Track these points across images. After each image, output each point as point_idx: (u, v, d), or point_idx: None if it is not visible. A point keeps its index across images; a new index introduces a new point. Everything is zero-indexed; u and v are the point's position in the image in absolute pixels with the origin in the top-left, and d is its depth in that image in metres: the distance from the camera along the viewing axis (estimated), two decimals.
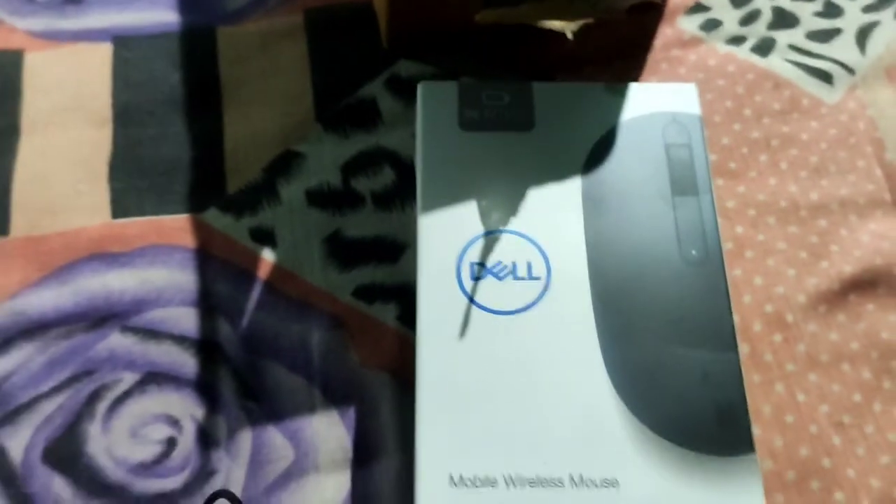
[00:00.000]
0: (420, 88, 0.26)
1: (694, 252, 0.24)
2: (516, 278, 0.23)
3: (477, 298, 0.23)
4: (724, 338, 0.23)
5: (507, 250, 0.24)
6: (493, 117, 0.26)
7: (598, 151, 0.25)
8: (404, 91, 0.31)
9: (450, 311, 0.23)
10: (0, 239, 0.28)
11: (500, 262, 0.23)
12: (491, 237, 0.24)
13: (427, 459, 0.21)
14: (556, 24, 0.27)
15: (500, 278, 0.23)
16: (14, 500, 0.25)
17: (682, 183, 0.25)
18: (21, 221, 0.28)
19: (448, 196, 0.24)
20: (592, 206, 0.24)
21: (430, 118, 0.26)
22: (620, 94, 0.26)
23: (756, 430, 0.26)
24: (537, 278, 0.23)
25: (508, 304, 0.23)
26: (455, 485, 0.21)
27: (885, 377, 0.27)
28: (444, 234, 0.24)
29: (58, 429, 0.26)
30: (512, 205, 0.24)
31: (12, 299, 0.27)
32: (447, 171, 0.25)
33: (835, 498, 0.25)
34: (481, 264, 0.23)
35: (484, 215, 0.24)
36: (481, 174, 0.25)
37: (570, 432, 0.21)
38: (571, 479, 0.21)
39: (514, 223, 0.24)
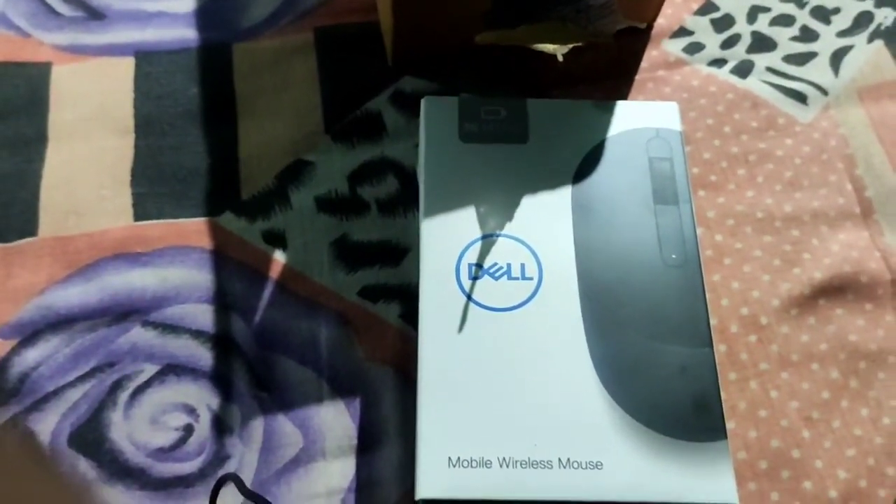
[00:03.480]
0: (423, 103, 0.28)
1: (674, 256, 0.26)
2: (511, 278, 0.25)
3: (474, 296, 0.25)
4: (700, 335, 0.25)
5: (502, 252, 0.26)
6: (490, 130, 0.28)
7: (587, 163, 0.27)
8: (407, 105, 0.33)
9: (449, 307, 0.25)
10: (29, 239, 0.30)
11: (495, 264, 0.26)
12: (488, 240, 0.26)
13: (427, 443, 0.23)
14: (548, 47, 0.29)
15: (495, 278, 0.25)
16: None
17: (664, 193, 0.27)
18: (48, 223, 0.30)
19: (449, 202, 0.26)
20: (581, 212, 0.26)
21: (432, 130, 0.28)
22: (608, 110, 0.28)
23: (731, 424, 0.28)
24: (530, 278, 0.25)
25: (503, 302, 0.25)
26: (453, 465, 0.23)
27: (852, 376, 0.29)
28: (444, 238, 0.26)
29: (83, 416, 0.27)
30: (507, 211, 0.26)
31: (41, 295, 0.29)
32: (448, 179, 0.27)
33: (803, 486, 0.27)
34: (479, 265, 0.26)
35: (482, 220, 0.26)
36: (479, 183, 0.27)
37: (558, 419, 0.23)
38: (560, 461, 0.23)
39: (510, 228, 0.26)
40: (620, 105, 0.28)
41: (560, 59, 0.30)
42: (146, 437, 0.27)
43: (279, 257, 0.30)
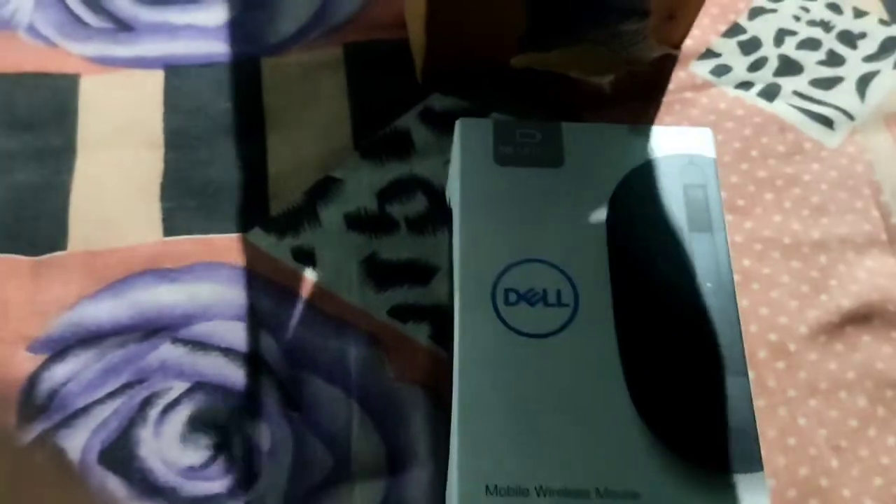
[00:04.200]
0: (459, 125, 0.28)
1: (709, 284, 0.26)
2: (546, 304, 0.25)
3: (510, 322, 0.25)
4: (736, 364, 0.25)
5: (538, 278, 0.26)
6: (525, 154, 0.28)
7: (622, 188, 0.27)
8: (437, 123, 0.33)
9: (485, 333, 0.25)
10: (59, 253, 0.30)
11: (531, 289, 0.26)
12: (524, 265, 0.26)
13: (465, 472, 0.23)
14: (590, 76, 0.29)
15: (531, 304, 0.25)
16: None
17: (698, 220, 0.27)
18: (78, 237, 0.30)
19: (484, 226, 0.26)
20: (617, 239, 0.26)
21: (468, 152, 0.28)
22: (643, 135, 0.28)
23: (761, 451, 0.28)
24: (566, 305, 0.25)
25: (539, 328, 0.25)
26: (490, 494, 0.23)
27: (879, 405, 0.29)
28: (480, 262, 0.26)
29: (112, 432, 0.27)
30: (543, 235, 0.26)
31: (71, 310, 0.29)
32: (483, 202, 0.27)
33: None
34: (515, 290, 0.26)
35: (517, 245, 0.26)
36: (515, 206, 0.27)
37: (594, 447, 0.23)
38: (597, 490, 0.23)
39: (545, 253, 0.26)
40: (655, 130, 0.29)
41: (607, 90, 0.30)
42: (176, 455, 0.27)
43: (308, 275, 0.30)
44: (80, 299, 0.29)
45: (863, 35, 0.37)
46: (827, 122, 0.34)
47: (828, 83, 0.35)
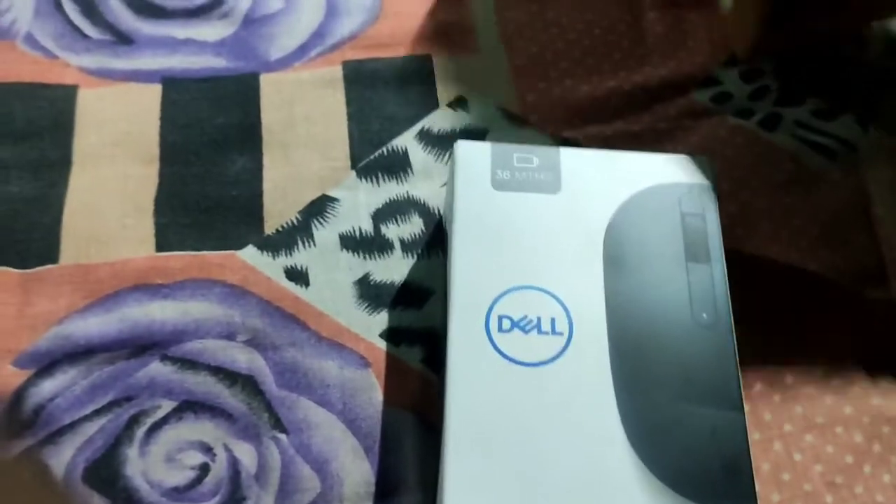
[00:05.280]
0: (456, 148, 0.28)
1: (705, 316, 0.26)
2: (541, 332, 0.25)
3: (504, 350, 0.25)
4: (731, 398, 0.24)
5: (532, 305, 0.25)
6: (522, 179, 0.28)
7: (619, 216, 0.27)
8: (434, 144, 0.33)
9: (478, 360, 0.25)
10: (50, 266, 0.30)
11: (525, 317, 0.25)
12: (519, 292, 0.26)
13: (454, 497, 0.23)
14: None
15: (525, 331, 0.25)
16: None
17: (696, 250, 0.27)
18: (70, 250, 0.30)
19: (480, 251, 0.26)
20: (613, 267, 0.26)
21: (465, 176, 0.27)
22: (641, 162, 0.28)
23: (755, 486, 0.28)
24: (560, 333, 0.25)
25: (533, 357, 0.25)
26: None
27: (876, 441, 0.28)
28: (474, 288, 0.26)
29: (98, 450, 0.27)
30: (539, 262, 0.26)
31: (60, 324, 0.29)
32: (479, 227, 0.27)
33: None
34: (509, 317, 0.25)
35: (513, 271, 0.26)
36: (511, 232, 0.27)
37: (586, 478, 0.23)
38: None
39: (541, 280, 0.26)
40: (654, 157, 0.28)
41: None
42: (161, 475, 0.27)
43: (301, 294, 0.30)
44: (70, 313, 0.29)
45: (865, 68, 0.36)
46: (829, 153, 0.34)
47: (829, 114, 0.35)
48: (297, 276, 0.30)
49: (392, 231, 0.31)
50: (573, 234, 0.27)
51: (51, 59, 0.34)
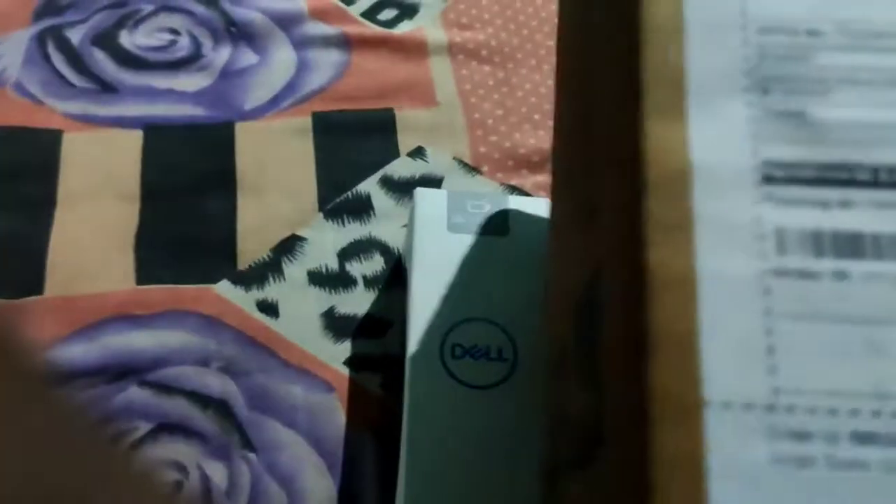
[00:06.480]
0: (416, 194, 0.31)
1: None
2: (489, 359, 0.28)
3: (456, 374, 0.28)
4: None
5: (482, 335, 0.29)
6: (475, 222, 0.31)
7: None
8: (395, 190, 0.36)
9: (432, 383, 0.27)
10: (35, 297, 0.32)
11: (476, 345, 0.28)
12: (470, 324, 0.29)
13: None
14: None
15: (475, 358, 0.28)
16: None
17: None
18: (55, 283, 0.32)
19: (435, 288, 0.29)
20: None
21: (423, 220, 0.31)
22: None
23: None
24: (506, 360, 0.28)
25: (482, 380, 0.28)
26: None
27: None
28: (431, 319, 0.29)
29: None
30: (488, 297, 0.29)
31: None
32: (436, 266, 0.30)
33: None
34: (461, 345, 0.28)
35: (465, 305, 0.29)
36: (464, 270, 0.30)
37: (534, 494, 0.26)
38: None
39: (489, 313, 0.29)
40: None
41: None
42: None
43: (272, 325, 0.33)
44: (54, 341, 0.31)
45: None
46: None
47: None
48: (268, 308, 0.33)
49: (356, 268, 0.34)
50: (518, 272, 0.30)
51: (37, 104, 0.37)
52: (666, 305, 0.16)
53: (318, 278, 0.34)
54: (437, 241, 0.30)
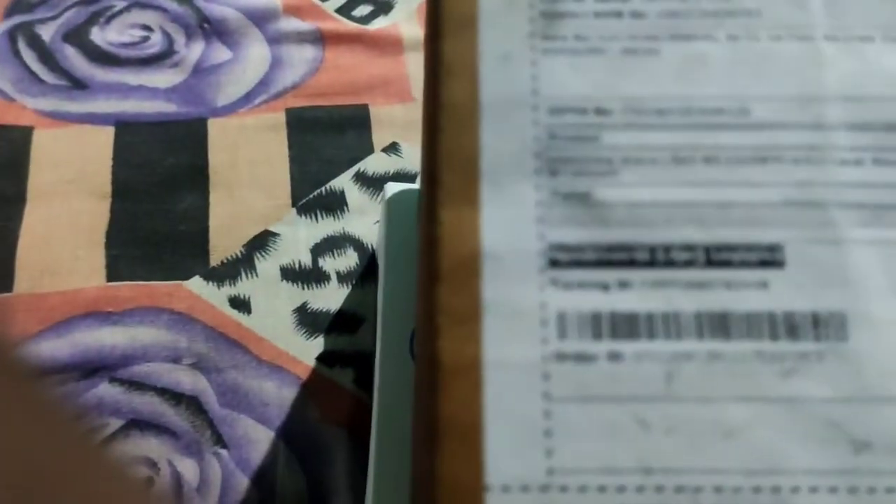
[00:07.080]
0: (387, 189, 0.31)
1: None
2: None
3: None
4: None
5: None
6: None
7: None
8: (369, 185, 0.36)
9: (402, 378, 0.28)
10: (4, 294, 0.32)
11: None
12: None
13: (379, 499, 0.25)
14: None
15: None
16: None
17: None
18: (24, 280, 0.32)
19: (406, 283, 0.29)
20: None
21: (394, 215, 0.31)
22: None
23: None
24: None
25: None
26: None
27: None
28: (401, 314, 0.29)
29: None
30: None
31: None
32: (405, 262, 0.30)
33: None
34: None
35: None
36: None
37: None
38: None
39: None
40: None
41: None
42: None
43: (244, 321, 0.33)
44: (24, 339, 0.31)
45: None
46: None
47: None
48: (240, 304, 0.33)
49: (329, 264, 0.34)
50: None
51: (8, 101, 0.36)
52: (453, 395, 0.16)
53: (291, 274, 0.34)
54: (407, 237, 0.30)
